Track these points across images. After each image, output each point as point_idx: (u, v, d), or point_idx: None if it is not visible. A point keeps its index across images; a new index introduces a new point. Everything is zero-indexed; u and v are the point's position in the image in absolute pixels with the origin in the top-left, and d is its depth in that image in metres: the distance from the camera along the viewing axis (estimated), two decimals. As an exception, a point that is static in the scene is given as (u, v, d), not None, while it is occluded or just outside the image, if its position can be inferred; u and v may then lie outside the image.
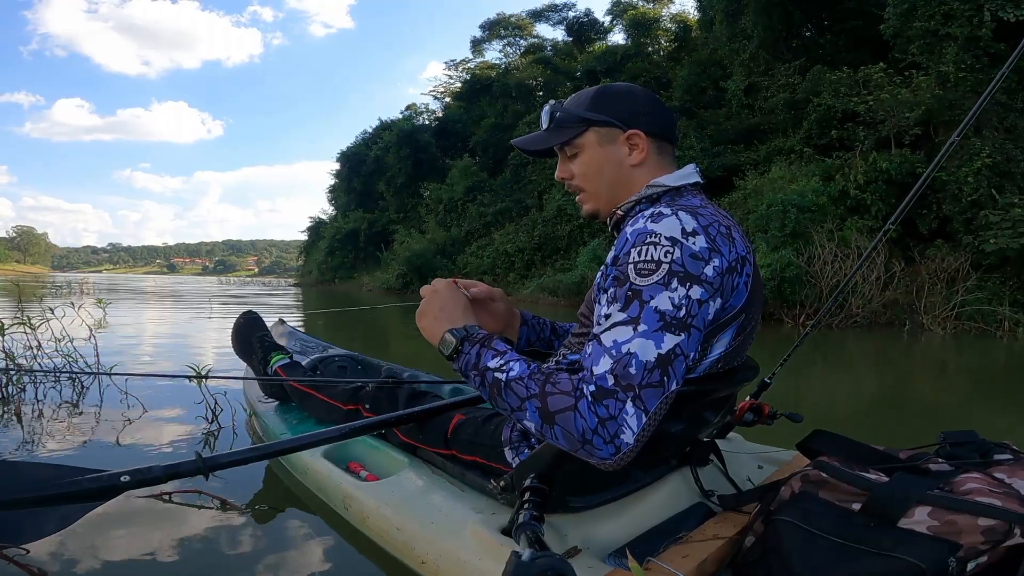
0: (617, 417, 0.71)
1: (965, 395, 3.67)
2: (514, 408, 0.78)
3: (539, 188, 17.02)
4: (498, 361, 0.81)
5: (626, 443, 0.71)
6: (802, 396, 3.20)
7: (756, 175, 10.44)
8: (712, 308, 0.78)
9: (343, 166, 28.73)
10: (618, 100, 0.94)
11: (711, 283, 0.77)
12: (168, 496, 1.42)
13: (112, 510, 1.35)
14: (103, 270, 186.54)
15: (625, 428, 0.71)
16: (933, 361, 5.26)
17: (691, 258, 0.76)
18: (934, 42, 8.43)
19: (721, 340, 0.85)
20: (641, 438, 0.71)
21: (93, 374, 2.56)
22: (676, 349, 0.73)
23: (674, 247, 0.76)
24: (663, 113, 0.95)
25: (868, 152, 9.00)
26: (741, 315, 0.85)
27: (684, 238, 0.77)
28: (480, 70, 26.47)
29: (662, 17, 21.67)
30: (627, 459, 0.72)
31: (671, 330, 0.73)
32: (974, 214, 7.54)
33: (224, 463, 1.11)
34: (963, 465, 0.78)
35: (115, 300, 10.26)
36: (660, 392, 0.72)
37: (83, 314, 2.94)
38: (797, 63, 11.77)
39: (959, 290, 7.24)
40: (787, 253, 7.80)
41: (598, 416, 0.71)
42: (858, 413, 2.93)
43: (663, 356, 0.72)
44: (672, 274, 0.75)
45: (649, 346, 0.72)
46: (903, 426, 2.63)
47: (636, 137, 0.92)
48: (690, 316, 0.75)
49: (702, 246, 0.77)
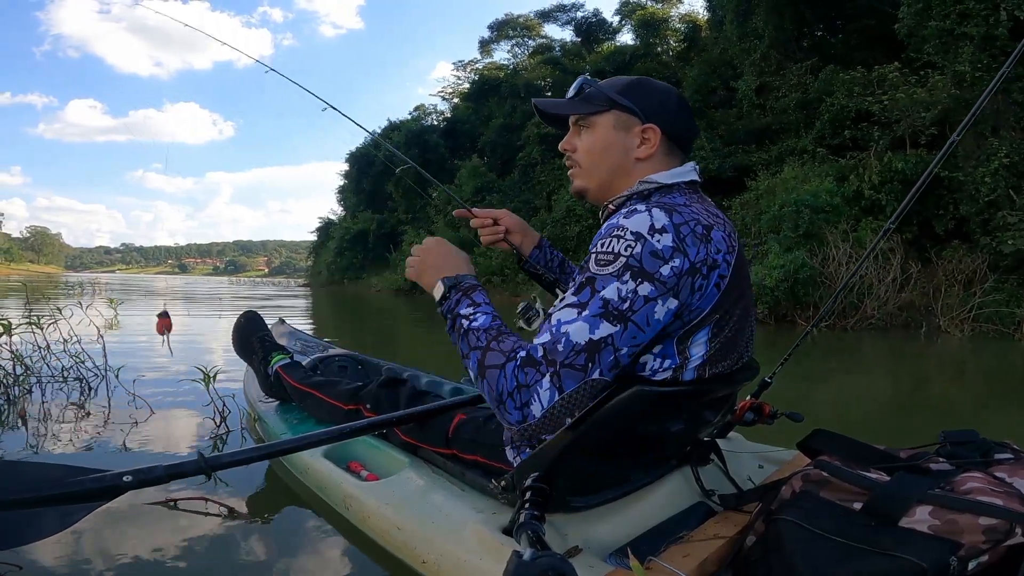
0: (532, 387, 0.75)
1: (984, 398, 3.61)
2: (464, 355, 0.83)
3: (548, 189, 16.99)
4: (470, 311, 0.86)
5: (533, 414, 0.76)
6: (816, 399, 3.17)
7: (768, 175, 10.36)
8: (661, 307, 0.78)
9: (352, 167, 28.83)
10: (650, 93, 0.95)
11: (664, 282, 0.78)
12: (174, 503, 1.40)
13: (114, 507, 1.36)
14: (116, 270, 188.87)
15: (535, 400, 0.75)
16: (950, 363, 5.19)
17: (650, 255, 0.77)
18: (950, 41, 8.31)
19: (697, 342, 0.85)
20: (551, 415, 0.75)
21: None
22: (608, 338, 0.76)
23: (636, 242, 0.78)
24: (687, 122, 0.96)
25: (883, 152, 8.90)
26: (713, 316, 0.84)
27: (650, 235, 0.78)
28: (488, 71, 26.46)
29: (671, 17, 21.55)
30: (532, 431, 0.77)
31: (609, 319, 0.76)
32: (991, 215, 7.43)
33: (227, 463, 1.13)
34: (964, 464, 0.78)
35: (127, 300, 10.37)
36: (580, 376, 0.75)
37: (91, 313, 2.93)
38: (809, 63, 11.66)
39: (976, 292, 7.12)
40: (800, 254, 7.71)
41: (517, 381, 0.76)
42: (874, 416, 2.89)
43: (593, 342, 0.75)
44: (627, 268, 0.77)
45: (584, 330, 0.76)
46: (922, 428, 2.60)
47: (651, 131, 0.93)
48: (632, 311, 0.76)
49: (665, 244, 0.78)
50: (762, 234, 8.93)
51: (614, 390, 0.85)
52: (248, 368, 1.93)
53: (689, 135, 0.97)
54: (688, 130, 0.96)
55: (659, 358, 0.84)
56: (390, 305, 13.13)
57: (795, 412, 1.10)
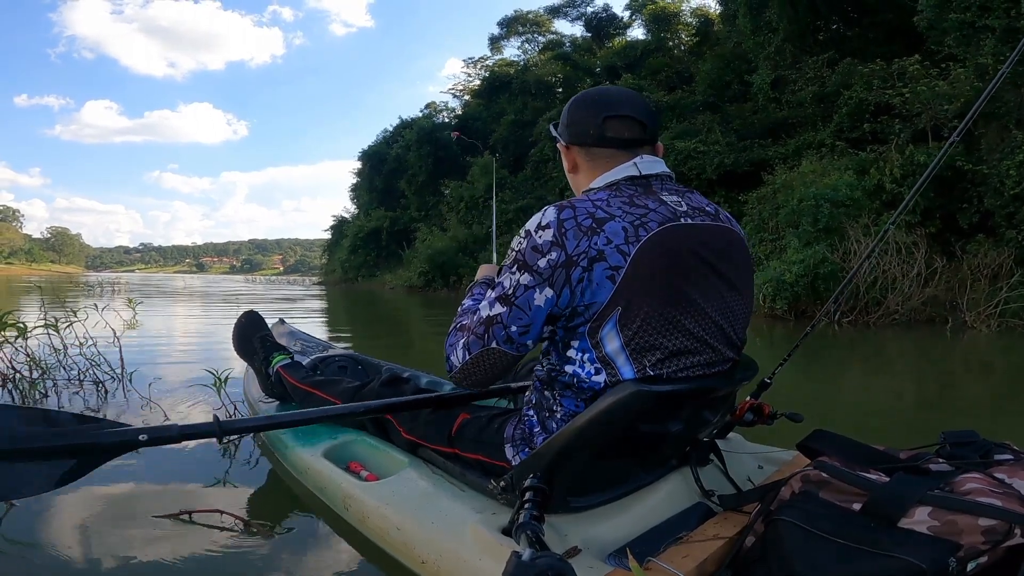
0: (455, 345, 0.98)
1: (1013, 395, 3.52)
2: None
3: (560, 185, 16.94)
4: (466, 299, 1.12)
5: (454, 365, 0.98)
6: (832, 398, 3.09)
7: (785, 169, 10.20)
8: (539, 295, 0.89)
9: (365, 165, 28.98)
10: (563, 114, 1.04)
11: (540, 273, 0.89)
12: (189, 516, 1.33)
13: (116, 511, 1.39)
14: (135, 269, 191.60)
15: (454, 354, 0.98)
16: (977, 360, 5.05)
17: (531, 250, 0.90)
18: (971, 34, 8.14)
19: (607, 335, 0.88)
20: (466, 369, 0.96)
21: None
22: (498, 317, 0.92)
23: (524, 239, 0.92)
24: (582, 121, 0.99)
25: (904, 145, 8.74)
26: (613, 308, 0.86)
27: (535, 232, 0.90)
28: (499, 67, 26.42)
29: (682, 11, 21.34)
30: (457, 378, 0.99)
31: (500, 302, 0.93)
32: (1016, 208, 7.25)
33: (239, 428, 1.25)
34: (963, 465, 0.77)
35: (146, 299, 10.47)
36: (481, 344, 0.94)
37: (110, 314, 2.90)
38: (825, 56, 11.46)
39: (1003, 286, 6.95)
40: (820, 249, 7.58)
41: (451, 340, 1.00)
42: (895, 415, 2.80)
43: (489, 317, 0.93)
44: (515, 261, 0.92)
45: (486, 307, 0.95)
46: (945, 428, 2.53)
47: (565, 150, 1.04)
48: (515, 296, 0.91)
49: (545, 240, 0.89)
50: (780, 229, 8.81)
51: (613, 391, 0.85)
52: (248, 368, 1.93)
53: (587, 131, 0.98)
54: (584, 128, 0.98)
55: (579, 351, 0.93)
56: (404, 304, 13.15)
57: (795, 413, 1.09)
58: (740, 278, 0.97)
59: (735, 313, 0.96)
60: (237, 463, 1.72)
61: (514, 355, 0.94)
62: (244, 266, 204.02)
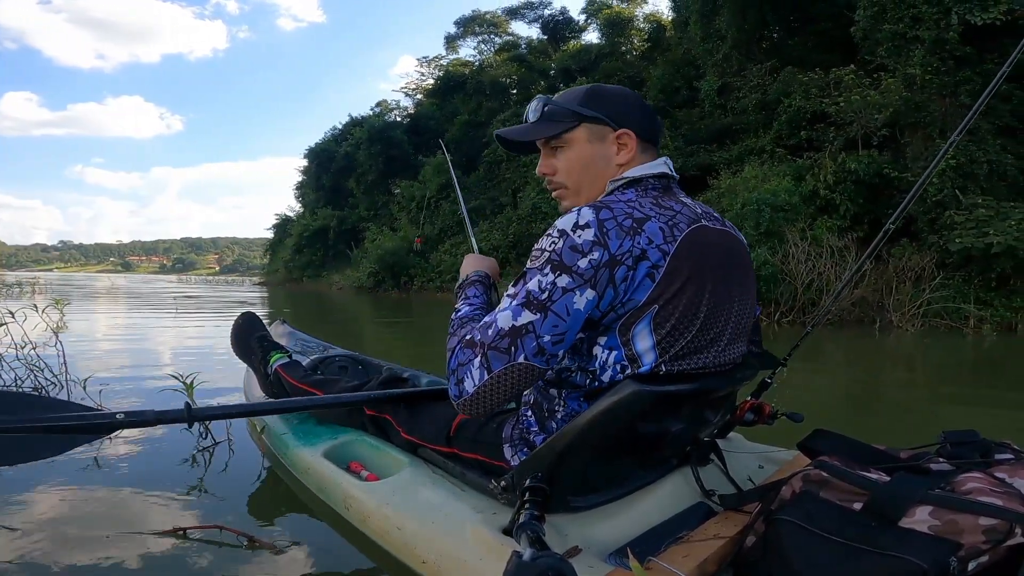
0: (467, 365, 0.84)
1: (938, 390, 3.76)
2: (448, 335, 0.93)
3: (513, 186, 16.97)
4: (460, 303, 0.99)
5: (466, 390, 0.84)
6: (805, 394, 3.24)
7: (729, 174, 10.57)
8: (580, 297, 0.82)
9: (311, 163, 28.17)
10: (611, 99, 0.97)
11: (581, 274, 0.82)
12: (183, 532, 1.28)
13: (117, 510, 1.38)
14: (54, 268, 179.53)
15: (469, 378, 0.84)
16: (903, 357, 5.40)
17: (570, 250, 0.83)
18: (902, 44, 8.59)
19: (639, 332, 0.86)
20: (482, 392, 0.83)
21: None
22: (529, 325, 0.82)
23: (560, 239, 0.84)
24: (651, 118, 0.99)
25: (837, 153, 9.21)
26: (650, 306, 0.85)
27: (572, 231, 0.84)
28: (454, 67, 26.26)
29: (636, 17, 21.85)
30: (468, 407, 0.84)
31: (530, 308, 0.82)
32: (938, 214, 7.74)
33: (209, 415, 1.25)
34: (964, 465, 0.78)
35: (72, 300, 9.81)
36: (506, 359, 0.82)
37: (35, 316, 2.74)
38: (768, 64, 11.97)
39: (925, 288, 7.45)
40: (762, 252, 7.92)
41: (459, 360, 0.85)
42: (847, 409, 2.98)
43: (516, 328, 0.82)
44: (548, 262, 0.84)
45: (508, 317, 0.83)
46: (882, 423, 2.69)
47: (626, 136, 0.95)
48: (551, 300, 0.82)
49: (586, 239, 0.83)
50: (725, 233, 9.12)
51: (613, 391, 0.85)
52: (248, 369, 1.92)
53: (656, 129, 1.00)
54: (654, 126, 0.99)
55: (606, 349, 0.88)
56: (354, 305, 12.86)
57: (795, 412, 1.11)
58: (749, 282, 1.00)
59: (748, 314, 0.98)
60: (237, 463, 1.73)
61: (542, 369, 0.84)
62: (176, 265, 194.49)
